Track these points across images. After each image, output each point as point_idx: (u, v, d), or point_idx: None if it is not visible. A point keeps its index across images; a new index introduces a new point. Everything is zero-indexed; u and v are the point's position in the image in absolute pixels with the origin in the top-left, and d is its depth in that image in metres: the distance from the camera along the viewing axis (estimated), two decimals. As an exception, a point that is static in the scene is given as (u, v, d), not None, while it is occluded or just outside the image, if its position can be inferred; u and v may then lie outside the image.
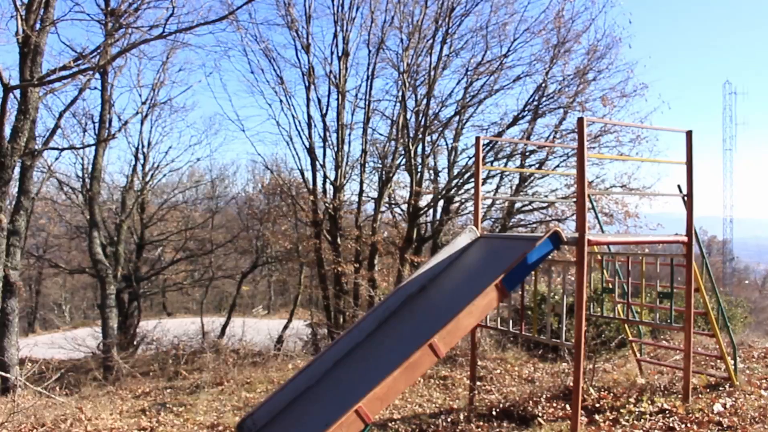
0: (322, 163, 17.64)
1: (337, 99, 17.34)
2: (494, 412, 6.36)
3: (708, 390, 6.55)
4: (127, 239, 22.76)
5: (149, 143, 23.07)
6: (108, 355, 14.87)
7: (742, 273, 57.95)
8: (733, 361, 6.77)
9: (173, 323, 21.64)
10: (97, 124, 18.81)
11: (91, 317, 33.14)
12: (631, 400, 6.34)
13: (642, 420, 5.73)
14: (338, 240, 17.56)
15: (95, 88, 17.25)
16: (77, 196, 21.23)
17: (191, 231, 25.78)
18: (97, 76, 16.29)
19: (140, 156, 22.73)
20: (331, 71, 17.26)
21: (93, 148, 18.46)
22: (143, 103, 20.58)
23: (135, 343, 19.69)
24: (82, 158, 20.74)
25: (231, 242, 26.08)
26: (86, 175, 20.14)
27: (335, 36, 17.13)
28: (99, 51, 11.16)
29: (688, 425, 5.45)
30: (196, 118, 54.92)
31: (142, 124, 22.19)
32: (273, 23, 21.94)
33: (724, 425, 5.34)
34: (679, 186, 6.37)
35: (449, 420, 6.41)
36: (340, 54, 17.16)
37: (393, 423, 6.60)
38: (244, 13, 16.50)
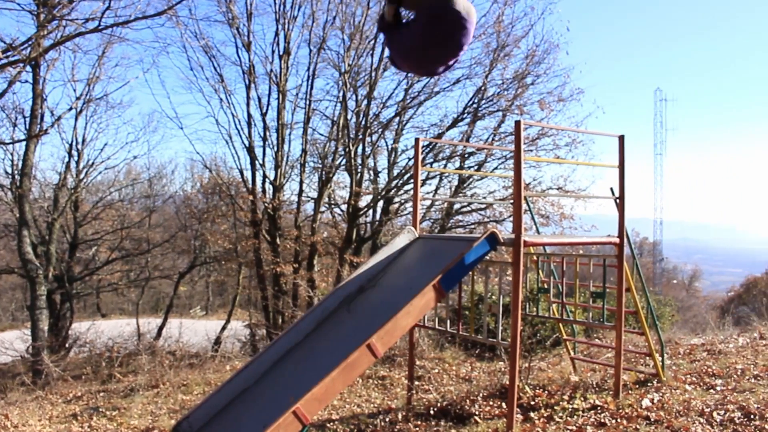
0: (261, 162, 17.52)
1: (278, 98, 17.23)
2: (432, 411, 6.42)
3: (637, 386, 6.76)
4: (60, 238, 22.03)
5: (84, 140, 22.34)
6: (38, 358, 14.37)
7: (670, 273, 59.97)
8: (660, 358, 7.01)
9: (108, 325, 21.04)
10: (28, 119, 18.13)
11: (20, 319, 31.95)
12: (565, 397, 6.50)
13: (575, 416, 5.87)
14: (277, 240, 17.45)
15: (26, 81, 16.64)
16: (6, 193, 20.43)
17: (127, 230, 25.14)
18: (28, 68, 15.74)
19: (74, 153, 21.99)
20: (272, 70, 17.16)
21: (23, 143, 17.83)
22: (78, 99, 19.94)
23: (67, 345, 19.08)
24: (12, 154, 19.99)
25: (168, 242, 25.54)
26: (16, 172, 19.40)
27: (276, 34, 17.05)
28: (30, 43, 10.79)
29: (618, 420, 5.62)
30: (134, 114, 53.95)
31: (76, 119, 21.49)
32: (213, 20, 21.58)
33: (652, 419, 5.52)
34: (611, 189, 6.55)
35: (387, 420, 6.44)
36: (281, 53, 17.07)
37: (331, 423, 6.59)
38: (183, 8, 16.19)
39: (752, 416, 5.32)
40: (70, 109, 19.77)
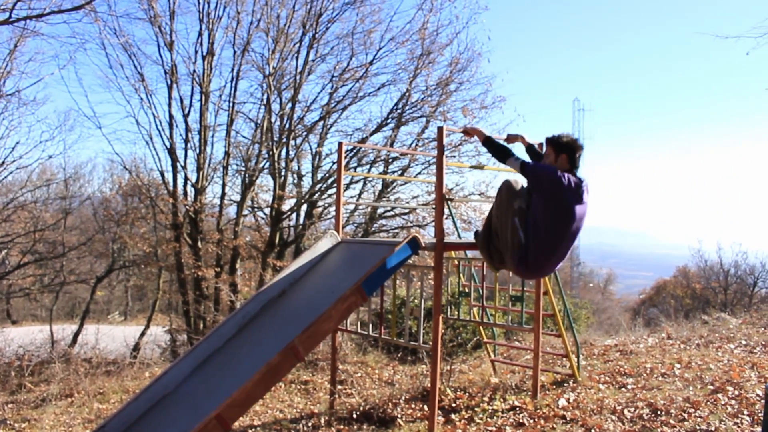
0: (183, 164, 17.15)
1: (201, 99, 16.93)
2: (355, 415, 6.43)
3: (554, 386, 6.96)
4: (-34, 241, 21.03)
5: (-7, 138, 21.37)
6: (-61, 368, 13.64)
7: (587, 277, 61.71)
8: (576, 359, 7.24)
9: (18, 332, 20.15)
10: (-70, 116, 17.23)
11: None
12: (485, 398, 6.63)
13: (495, 417, 6.00)
14: (199, 244, 17.13)
15: (-71, 75, 15.80)
16: None
17: (41, 232, 24.12)
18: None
19: (-18, 151, 21.02)
20: (194, 70, 16.86)
21: (-74, 141, 16.91)
22: (-14, 94, 19.02)
23: (-28, 354, 18.19)
24: None
25: (85, 245, 24.65)
26: None
27: (200, 35, 16.75)
28: (-66, 36, 10.23)
29: (536, 420, 5.77)
30: (49, 112, 51.55)
31: (-16, 116, 20.51)
32: (134, 17, 20.98)
33: (568, 418, 5.69)
34: (530, 194, 6.71)
35: (310, 424, 6.41)
36: (204, 53, 16.79)
37: (253, 429, 6.52)
38: (102, 3, 15.76)
39: (659, 412, 5.57)
40: (-23, 105, 18.84)
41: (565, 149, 5.00)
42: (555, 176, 4.81)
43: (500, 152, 5.19)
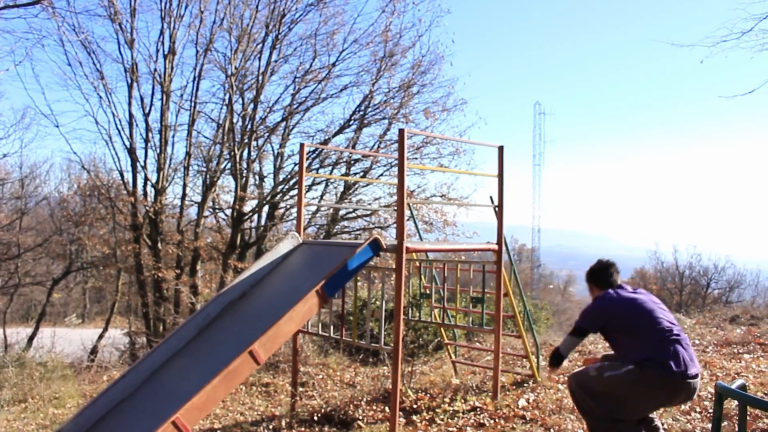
0: (143, 164, 16.93)
1: (162, 98, 16.74)
2: (316, 418, 6.41)
3: (514, 387, 7.03)
4: None
5: (-56, 135, 20.84)
6: None
7: (547, 278, 62.50)
8: (536, 360, 7.33)
9: (-30, 335, 19.69)
10: None
11: None
12: (446, 399, 6.67)
13: (456, 418, 6.04)
14: (159, 245, 16.92)
15: None
16: None
17: (-6, 233, 23.60)
18: None
19: (-67, 150, 20.48)
20: (156, 69, 16.66)
21: None
22: (-63, 92, 18.54)
23: None
24: None
25: (41, 246, 24.16)
26: None
27: (162, 33, 16.57)
28: None
29: (497, 420, 5.83)
30: (4, 109, 50.06)
31: (-65, 114, 19.98)
32: (94, 14, 20.59)
33: (527, 418, 5.77)
34: (491, 197, 6.78)
35: (271, 427, 6.38)
36: (166, 52, 16.61)
37: (213, 432, 6.47)
38: (61, -1, 15.39)
39: (616, 412, 5.67)
40: (-71, 102, 18.32)
41: (590, 279, 4.88)
42: (594, 307, 4.58)
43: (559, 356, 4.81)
